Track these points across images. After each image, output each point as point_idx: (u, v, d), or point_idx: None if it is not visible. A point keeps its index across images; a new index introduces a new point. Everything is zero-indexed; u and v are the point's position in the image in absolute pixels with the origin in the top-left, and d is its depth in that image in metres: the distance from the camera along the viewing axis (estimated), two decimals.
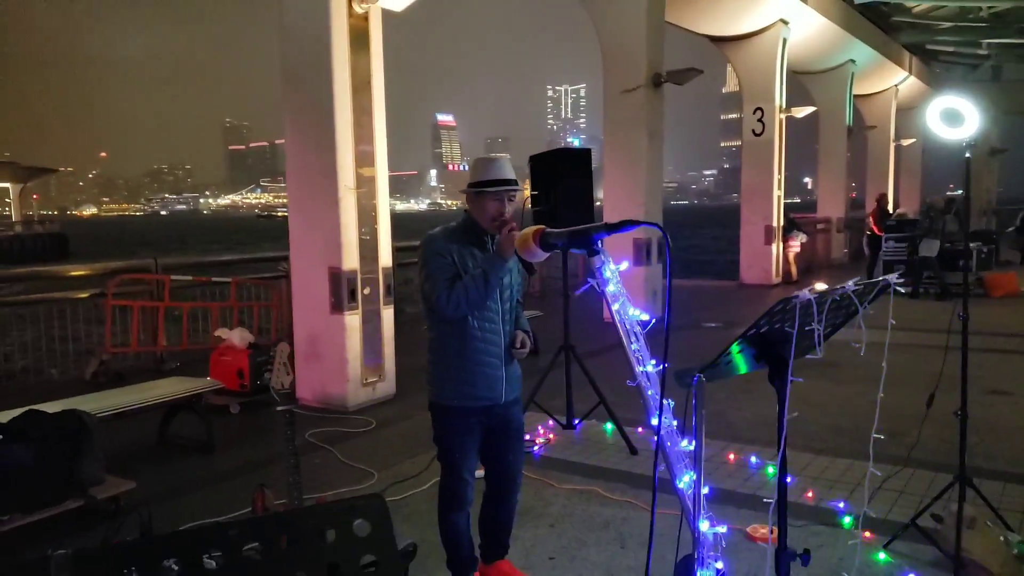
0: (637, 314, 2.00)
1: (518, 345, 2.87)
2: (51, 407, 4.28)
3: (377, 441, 5.28)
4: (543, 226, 2.23)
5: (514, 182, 2.77)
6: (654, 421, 1.96)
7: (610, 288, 1.98)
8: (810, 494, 4.09)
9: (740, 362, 2.00)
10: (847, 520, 3.71)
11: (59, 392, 6.13)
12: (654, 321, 2.00)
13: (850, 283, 1.84)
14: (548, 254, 2.25)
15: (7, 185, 58.41)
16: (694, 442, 1.90)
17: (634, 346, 1.94)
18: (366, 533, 1.25)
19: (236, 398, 6.03)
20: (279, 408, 2.93)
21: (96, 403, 4.56)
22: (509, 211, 2.75)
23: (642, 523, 3.80)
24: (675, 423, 2.01)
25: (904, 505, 3.85)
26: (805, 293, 1.70)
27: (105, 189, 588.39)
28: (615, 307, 1.97)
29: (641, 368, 1.96)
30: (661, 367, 1.92)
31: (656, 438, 1.85)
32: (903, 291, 1.85)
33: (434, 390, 2.86)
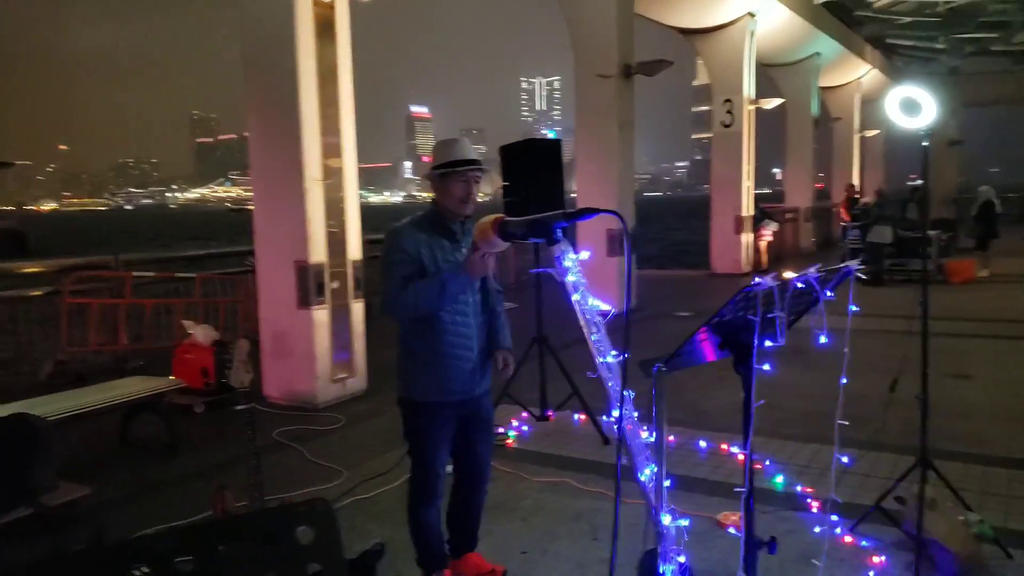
0: (597, 304, 1.96)
1: (500, 366, 2.86)
2: (3, 410, 4.14)
3: (347, 439, 5.20)
4: (502, 215, 2.19)
5: (478, 162, 2.70)
6: (615, 413, 1.93)
7: (570, 278, 1.93)
8: (779, 479, 4.12)
9: (707, 350, 1.98)
10: (814, 505, 3.73)
11: (13, 394, 5.94)
12: (614, 311, 1.97)
13: (811, 270, 1.83)
14: (508, 244, 2.19)
15: None
16: (655, 433, 1.88)
17: (594, 336, 1.91)
18: (310, 540, 1.19)
19: (200, 397, 5.90)
20: (239, 407, 2.86)
21: (50, 405, 4.41)
22: (475, 193, 2.70)
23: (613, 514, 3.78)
24: (636, 414, 1.98)
25: (870, 488, 3.90)
26: (767, 280, 1.68)
27: (67, 183, 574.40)
28: (575, 297, 1.93)
29: (602, 359, 1.93)
30: (621, 357, 1.88)
31: (618, 429, 1.82)
32: (864, 277, 1.84)
33: (405, 386, 2.79)
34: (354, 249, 6.10)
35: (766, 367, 1.88)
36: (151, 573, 1.12)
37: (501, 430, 5.05)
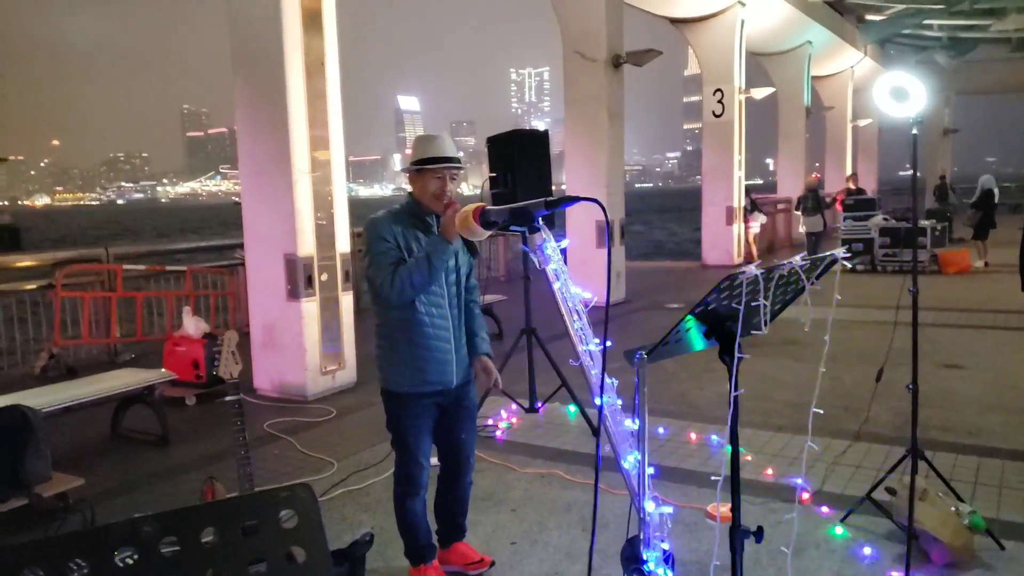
0: (579, 292, 1.95)
1: (481, 375, 2.87)
2: None
3: (337, 430, 5.20)
4: (483, 204, 2.19)
5: (456, 160, 2.71)
6: (597, 401, 1.92)
7: (552, 266, 1.93)
8: (769, 471, 4.14)
9: (694, 339, 1.98)
10: (804, 496, 3.75)
11: (7, 387, 5.92)
12: (595, 299, 1.96)
13: (797, 258, 1.82)
14: (489, 232, 2.19)
15: None
16: (638, 421, 1.87)
17: (576, 324, 1.91)
18: (293, 525, 1.19)
19: (192, 389, 5.89)
20: (227, 399, 2.84)
21: (43, 398, 4.40)
22: (451, 190, 2.70)
23: (603, 505, 3.80)
24: (619, 402, 1.98)
25: (860, 479, 3.91)
26: (751, 269, 1.68)
27: (59, 178, 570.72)
28: (556, 285, 1.93)
29: (584, 347, 1.92)
30: (602, 346, 1.87)
31: (599, 418, 1.82)
32: (850, 266, 1.84)
33: (384, 377, 2.81)
34: (343, 242, 6.08)
35: (747, 356, 1.87)
36: (136, 556, 1.12)
37: (490, 422, 5.06)
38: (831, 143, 22.83)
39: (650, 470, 1.94)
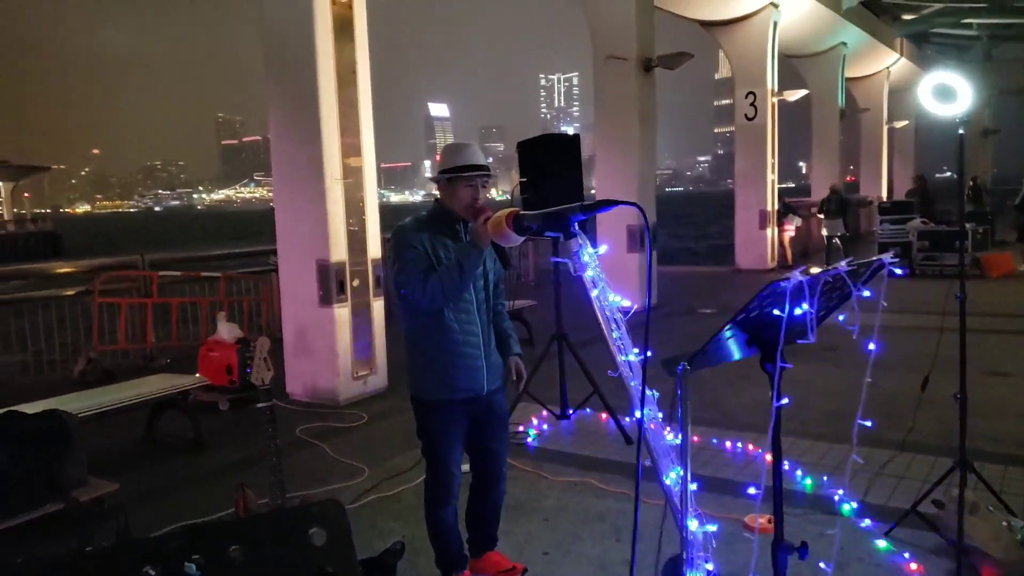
0: (618, 300, 1.88)
1: (513, 376, 2.88)
2: (33, 407, 4.19)
3: (369, 436, 5.19)
4: (516, 208, 2.12)
5: (486, 168, 2.69)
6: (637, 414, 1.86)
7: (588, 273, 1.86)
8: (809, 481, 4.02)
9: (733, 348, 1.91)
10: (847, 507, 3.64)
11: (47, 391, 6.03)
12: (635, 307, 1.89)
13: (843, 264, 1.75)
14: (523, 238, 2.11)
15: None
16: (680, 435, 1.80)
17: (615, 334, 1.83)
18: (323, 542, 1.16)
19: (225, 394, 5.94)
20: (260, 405, 2.84)
21: (80, 402, 4.47)
22: (482, 198, 2.66)
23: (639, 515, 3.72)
24: (660, 415, 1.91)
25: (905, 491, 3.79)
26: (795, 276, 1.61)
27: (98, 186, 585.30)
28: (594, 293, 1.85)
29: (623, 357, 1.85)
30: (643, 356, 1.81)
31: (639, 431, 1.76)
32: (899, 272, 1.75)
33: (414, 384, 2.78)
34: (374, 247, 6.09)
35: (790, 365, 1.80)
36: (161, 574, 1.09)
37: (520, 428, 5.01)
38: (866, 145, 22.39)
39: (693, 486, 1.87)
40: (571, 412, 5.18)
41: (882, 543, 3.27)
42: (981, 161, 26.69)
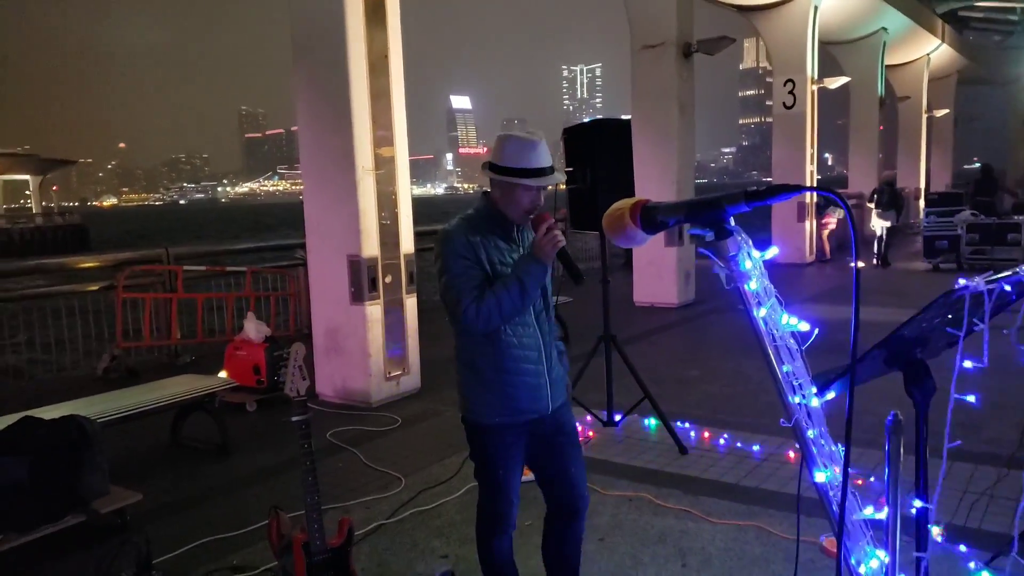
0: (793, 323, 1.45)
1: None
2: (54, 411, 3.97)
3: (403, 441, 4.92)
4: (644, 198, 1.64)
5: (552, 169, 2.30)
6: (819, 477, 1.49)
7: (752, 285, 1.44)
8: (883, 500, 3.66)
9: (867, 368, 1.58)
10: (937, 531, 3.28)
11: (70, 389, 5.85)
12: (816, 331, 1.47)
13: (1021, 269, 1.41)
14: (651, 236, 1.64)
15: (27, 177, 58.68)
16: (887, 509, 1.46)
17: (787, 368, 1.41)
18: None
19: (253, 395, 5.70)
20: (294, 419, 2.56)
21: (101, 406, 4.24)
22: (542, 202, 2.32)
23: (703, 536, 3.40)
24: (871, 478, 1.48)
25: (1005, 513, 3.41)
26: (979, 282, 1.28)
27: (124, 179, 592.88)
28: (760, 313, 1.42)
29: (797, 398, 1.46)
30: (849, 409, 1.34)
31: (839, 517, 1.35)
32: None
33: (468, 406, 2.42)
34: (407, 242, 5.80)
35: (971, 399, 1.45)
36: None
37: None
38: (904, 135, 21.68)
39: None
40: (619, 418, 4.86)
41: (985, 574, 2.92)
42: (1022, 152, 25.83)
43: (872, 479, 3.86)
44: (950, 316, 1.34)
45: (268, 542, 2.70)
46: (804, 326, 1.42)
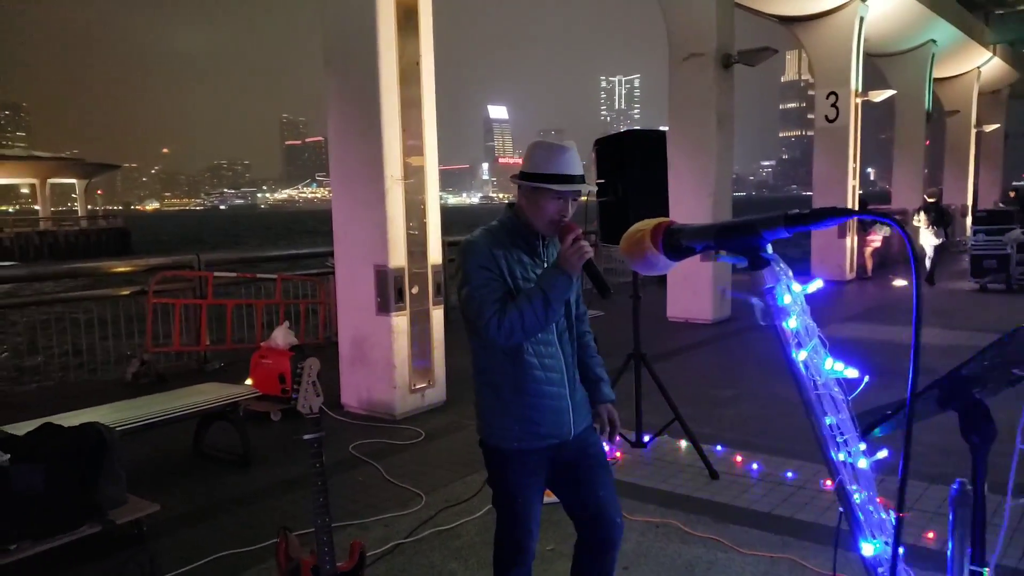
0: (838, 369, 1.24)
1: (604, 429, 2.38)
2: (77, 417, 3.96)
3: (426, 456, 4.81)
4: (667, 219, 1.45)
5: (582, 178, 2.20)
6: (867, 550, 1.29)
7: (791, 323, 1.23)
8: (931, 535, 3.45)
9: (921, 408, 1.42)
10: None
11: (99, 393, 5.88)
12: (866, 378, 1.28)
13: None
14: (674, 264, 1.46)
15: (73, 181, 60.31)
16: None
17: (830, 420, 1.20)
18: None
19: (277, 404, 5.66)
20: (306, 437, 2.47)
21: (128, 412, 4.22)
22: (570, 214, 2.21)
23: (732, 568, 3.23)
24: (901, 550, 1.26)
25: None
26: None
27: (167, 184, 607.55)
28: (800, 356, 1.21)
29: (842, 456, 1.25)
30: (902, 475, 1.13)
31: None
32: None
33: (486, 428, 2.31)
34: (435, 252, 5.72)
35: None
36: None
37: None
38: (952, 150, 21.03)
39: None
40: (648, 439, 4.69)
41: None
42: None
43: (928, 534, 3.64)
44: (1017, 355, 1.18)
45: (276, 564, 2.60)
46: (852, 372, 1.24)
